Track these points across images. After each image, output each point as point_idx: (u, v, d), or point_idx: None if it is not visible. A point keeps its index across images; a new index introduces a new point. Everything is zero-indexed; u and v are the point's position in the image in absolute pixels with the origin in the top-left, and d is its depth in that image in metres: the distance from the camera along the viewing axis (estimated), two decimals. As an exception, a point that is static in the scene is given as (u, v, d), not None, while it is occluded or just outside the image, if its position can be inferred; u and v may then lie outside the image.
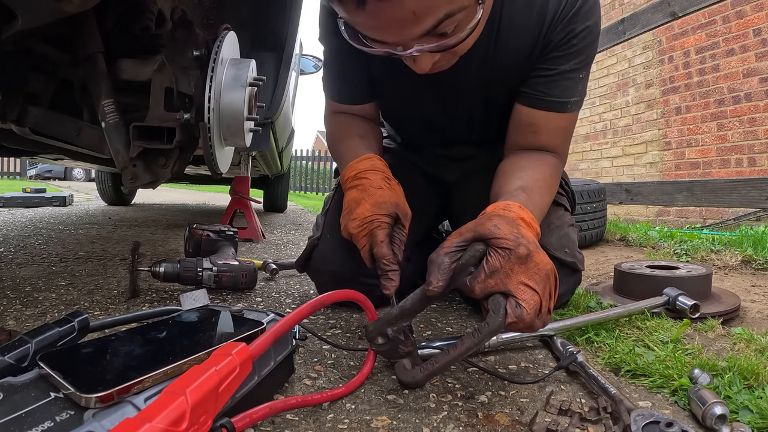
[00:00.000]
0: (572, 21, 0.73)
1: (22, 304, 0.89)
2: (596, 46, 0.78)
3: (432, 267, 0.55)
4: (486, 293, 0.52)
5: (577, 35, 0.74)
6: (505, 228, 0.54)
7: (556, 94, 0.78)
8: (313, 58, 3.53)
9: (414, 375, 0.53)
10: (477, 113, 0.91)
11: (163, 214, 3.30)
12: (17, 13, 0.55)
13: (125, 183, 0.82)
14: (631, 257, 1.69)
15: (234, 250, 1.17)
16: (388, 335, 0.56)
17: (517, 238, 0.53)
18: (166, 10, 0.84)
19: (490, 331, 0.50)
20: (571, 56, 0.75)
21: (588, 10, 0.73)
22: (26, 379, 0.39)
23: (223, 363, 0.38)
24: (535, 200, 0.69)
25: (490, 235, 0.54)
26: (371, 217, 0.72)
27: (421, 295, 0.55)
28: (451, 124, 0.96)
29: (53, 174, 14.47)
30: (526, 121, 0.81)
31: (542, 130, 0.81)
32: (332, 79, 0.93)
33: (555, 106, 0.79)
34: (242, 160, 2.19)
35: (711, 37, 3.36)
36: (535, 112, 0.80)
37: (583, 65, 0.77)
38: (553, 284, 0.54)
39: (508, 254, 0.52)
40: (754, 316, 0.93)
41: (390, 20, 0.54)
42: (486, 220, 0.56)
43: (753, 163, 3.10)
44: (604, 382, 0.56)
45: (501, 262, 0.52)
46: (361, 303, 0.61)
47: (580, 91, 0.79)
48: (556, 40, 0.75)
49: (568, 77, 0.77)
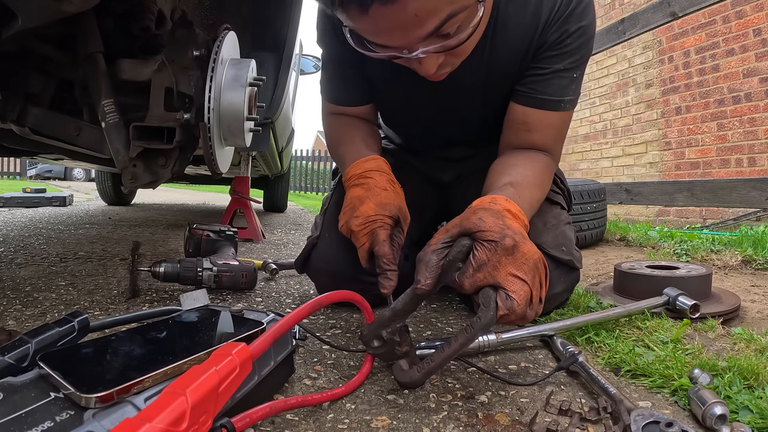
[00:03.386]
0: (566, 21, 0.74)
1: (22, 304, 0.89)
2: (591, 46, 0.79)
3: (420, 265, 0.55)
4: (475, 287, 0.52)
5: (571, 35, 0.75)
6: (489, 220, 0.54)
7: (550, 93, 0.79)
8: (313, 58, 3.53)
9: (411, 375, 0.53)
10: (474, 114, 0.92)
11: (163, 214, 3.30)
12: (17, 13, 0.55)
13: (125, 183, 0.82)
14: (631, 257, 1.69)
15: (234, 250, 1.17)
16: (384, 338, 0.56)
17: (503, 230, 0.53)
18: (166, 10, 0.84)
19: (483, 326, 0.50)
20: (565, 55, 0.77)
21: (582, 11, 0.75)
22: (26, 379, 0.39)
23: (223, 363, 0.38)
24: (524, 195, 0.69)
25: (476, 229, 0.54)
26: (375, 217, 0.73)
27: (412, 295, 0.55)
28: (448, 125, 0.96)
29: (53, 174, 14.47)
30: (520, 120, 0.82)
31: (535, 129, 0.81)
32: (330, 81, 0.93)
33: (549, 105, 0.79)
34: (242, 160, 2.19)
35: (711, 37, 3.36)
36: (528, 110, 0.81)
37: (577, 65, 0.78)
38: (543, 273, 0.54)
39: (494, 246, 0.52)
40: (754, 316, 0.93)
41: (393, 24, 0.55)
42: (471, 214, 0.57)
43: (753, 163, 3.10)
44: (604, 382, 0.56)
45: (488, 255, 0.52)
46: (359, 304, 0.61)
47: (573, 90, 0.80)
48: (550, 40, 0.76)
49: (562, 76, 0.78)
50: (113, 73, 0.79)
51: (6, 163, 14.86)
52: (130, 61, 0.80)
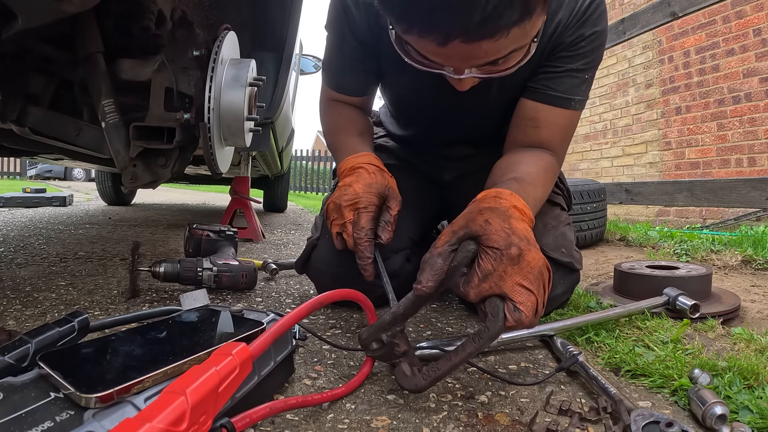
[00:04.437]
0: (583, 25, 0.78)
1: (22, 304, 0.89)
2: (602, 51, 0.82)
3: (424, 266, 0.54)
4: (481, 297, 0.52)
5: (586, 38, 0.78)
6: (495, 223, 0.54)
7: (561, 90, 0.81)
8: (313, 58, 3.53)
9: (417, 382, 0.52)
10: (483, 112, 0.93)
11: (163, 214, 3.30)
12: (17, 13, 0.55)
13: (125, 183, 0.82)
14: (631, 257, 1.69)
15: (234, 250, 1.17)
16: (383, 340, 0.55)
17: (508, 236, 0.53)
18: (166, 10, 0.84)
19: (491, 336, 0.50)
20: (579, 57, 0.79)
21: (597, 17, 0.78)
22: (26, 379, 0.39)
23: (223, 363, 0.38)
24: (528, 190, 0.69)
25: (482, 233, 0.53)
26: (362, 194, 0.75)
27: (413, 298, 0.55)
28: (455, 124, 0.97)
29: (53, 174, 14.46)
30: (529, 115, 0.83)
31: (543, 125, 0.82)
32: (335, 69, 0.94)
33: (559, 102, 0.81)
34: (242, 160, 2.19)
35: (711, 37, 3.35)
36: (539, 105, 0.82)
37: (589, 67, 0.81)
38: (547, 278, 0.54)
39: (499, 255, 0.52)
40: (754, 316, 0.93)
41: (461, 54, 0.56)
42: (477, 214, 0.56)
43: (753, 163, 3.10)
44: (604, 382, 0.55)
45: (493, 264, 0.51)
46: (361, 302, 0.61)
47: (584, 91, 0.82)
48: (566, 42, 0.79)
49: (575, 75, 0.80)
50: (113, 73, 0.79)
51: (6, 163, 14.86)
52: (130, 61, 0.80)
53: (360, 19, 0.84)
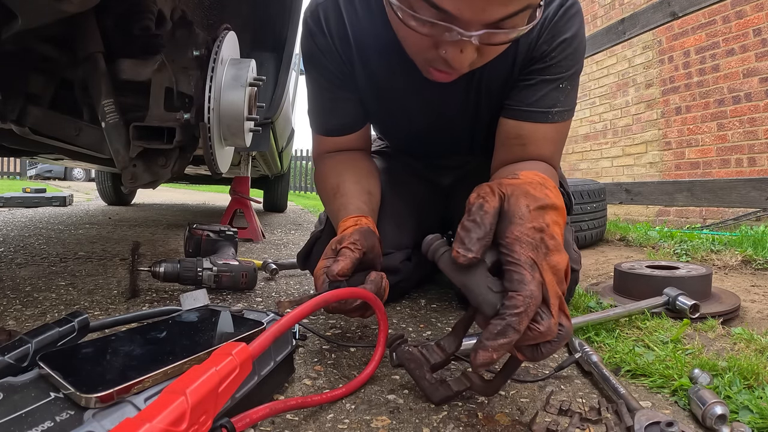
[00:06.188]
0: (551, 34, 0.76)
1: (22, 304, 0.89)
2: (578, 58, 0.79)
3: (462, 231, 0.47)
4: None
5: (555, 48, 0.76)
6: (528, 219, 0.46)
7: (535, 104, 0.78)
8: (313, 58, 3.52)
9: (443, 393, 0.52)
10: (466, 126, 0.92)
11: (163, 214, 3.30)
12: (17, 13, 0.55)
13: (125, 183, 0.82)
14: (631, 257, 1.69)
15: (234, 250, 1.17)
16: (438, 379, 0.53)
17: (537, 233, 0.46)
18: (166, 10, 0.84)
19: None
20: (551, 67, 0.77)
21: (565, 24, 0.75)
22: (26, 379, 0.39)
23: (223, 363, 0.38)
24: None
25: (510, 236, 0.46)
26: (357, 238, 0.69)
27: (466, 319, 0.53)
28: (440, 139, 0.97)
29: (53, 174, 14.46)
30: (513, 134, 0.81)
31: (530, 142, 0.80)
32: (321, 110, 0.91)
33: (535, 116, 0.79)
34: (242, 160, 2.19)
35: (711, 37, 3.35)
36: (520, 123, 0.80)
37: (563, 76, 0.78)
38: (564, 281, 0.50)
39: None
40: (754, 316, 0.93)
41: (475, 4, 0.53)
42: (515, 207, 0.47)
43: (753, 163, 3.10)
44: (614, 382, 0.55)
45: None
46: (370, 302, 0.59)
47: (563, 101, 0.79)
48: (536, 56, 0.77)
49: (548, 86, 0.78)
50: (113, 73, 0.79)
51: (6, 163, 14.87)
52: (130, 61, 0.80)
53: (327, 44, 0.82)
